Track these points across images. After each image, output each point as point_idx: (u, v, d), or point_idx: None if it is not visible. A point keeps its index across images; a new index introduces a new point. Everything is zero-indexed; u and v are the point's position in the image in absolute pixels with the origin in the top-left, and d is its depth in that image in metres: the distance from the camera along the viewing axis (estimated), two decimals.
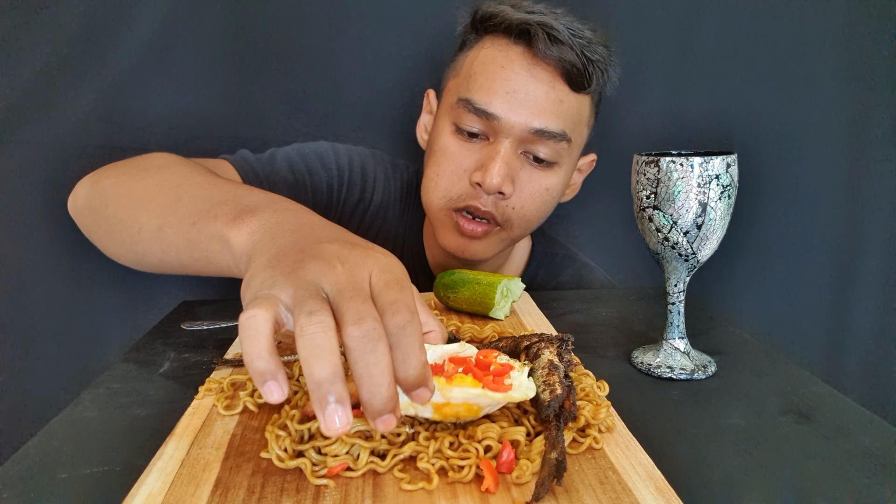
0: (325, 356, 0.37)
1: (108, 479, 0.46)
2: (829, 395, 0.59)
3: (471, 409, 0.45)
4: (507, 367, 0.50)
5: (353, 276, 0.41)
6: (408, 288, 0.42)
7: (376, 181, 0.96)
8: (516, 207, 0.83)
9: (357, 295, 0.40)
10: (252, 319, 0.38)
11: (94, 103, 1.04)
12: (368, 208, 0.96)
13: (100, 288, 1.11)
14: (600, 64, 0.80)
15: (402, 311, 0.39)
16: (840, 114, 1.19)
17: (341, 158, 0.94)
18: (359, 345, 0.38)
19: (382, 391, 0.38)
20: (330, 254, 0.42)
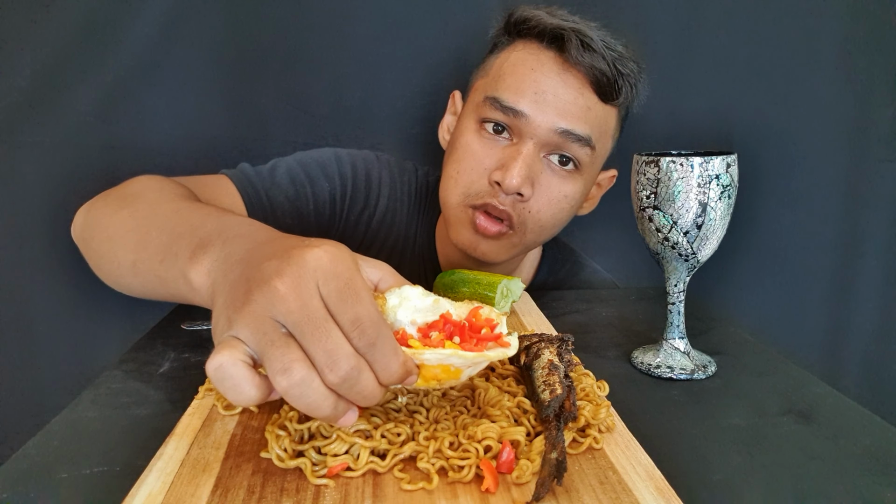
0: (320, 402, 0.38)
1: (108, 479, 0.46)
2: (829, 395, 0.59)
3: (448, 370, 0.44)
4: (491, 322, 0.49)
5: (301, 298, 0.39)
6: (360, 287, 0.40)
7: (381, 186, 0.96)
8: (532, 211, 0.81)
9: (316, 327, 0.38)
10: (220, 371, 0.38)
11: (94, 103, 1.04)
12: (374, 214, 0.95)
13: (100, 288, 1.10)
14: (630, 78, 0.80)
15: (367, 330, 0.39)
16: (840, 114, 1.18)
17: (344, 166, 0.93)
18: (343, 388, 0.39)
19: (374, 398, 0.40)
20: (270, 274, 0.40)
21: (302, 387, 0.38)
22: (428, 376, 0.44)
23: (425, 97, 1.13)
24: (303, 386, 0.38)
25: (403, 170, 0.99)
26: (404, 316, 0.47)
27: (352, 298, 0.40)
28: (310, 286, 0.39)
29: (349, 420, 0.41)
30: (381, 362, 0.40)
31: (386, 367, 0.40)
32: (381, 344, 0.40)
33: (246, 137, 1.10)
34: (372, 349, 0.39)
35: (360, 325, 0.39)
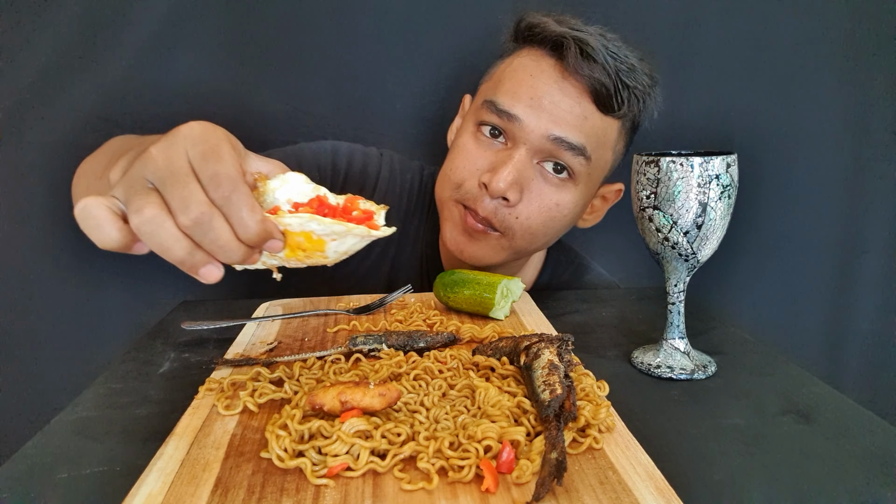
0: (172, 244, 0.42)
1: (108, 479, 0.46)
2: (829, 395, 0.59)
3: (310, 238, 0.47)
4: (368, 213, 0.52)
5: (168, 158, 0.43)
6: (225, 152, 0.44)
7: (379, 181, 0.96)
8: (520, 218, 0.81)
9: (176, 180, 0.42)
10: (84, 211, 0.42)
11: (94, 103, 1.04)
12: None
13: (100, 288, 1.11)
14: (637, 91, 0.79)
15: (223, 183, 0.43)
16: (840, 114, 1.19)
17: (339, 158, 0.95)
18: (194, 231, 0.42)
19: (235, 255, 0.44)
20: (149, 146, 0.45)
21: (152, 224, 0.42)
22: (293, 244, 0.47)
23: (425, 97, 1.13)
24: (153, 224, 0.42)
25: (406, 168, 0.99)
26: (281, 195, 0.51)
27: (213, 159, 0.43)
28: (179, 149, 0.44)
29: (211, 275, 0.44)
30: (236, 216, 0.43)
31: (241, 222, 0.43)
32: (237, 199, 0.43)
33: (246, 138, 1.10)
34: (227, 202, 0.43)
35: (217, 179, 0.43)
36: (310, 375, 0.57)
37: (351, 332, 0.71)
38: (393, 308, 0.79)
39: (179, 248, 0.43)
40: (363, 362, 0.61)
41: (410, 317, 0.75)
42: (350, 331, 0.72)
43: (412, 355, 0.61)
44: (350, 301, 0.82)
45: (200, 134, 0.45)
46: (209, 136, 0.45)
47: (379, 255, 0.98)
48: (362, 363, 0.60)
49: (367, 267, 0.98)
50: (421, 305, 0.80)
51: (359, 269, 0.98)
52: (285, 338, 0.70)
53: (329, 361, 0.61)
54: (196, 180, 0.43)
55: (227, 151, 0.45)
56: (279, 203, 0.50)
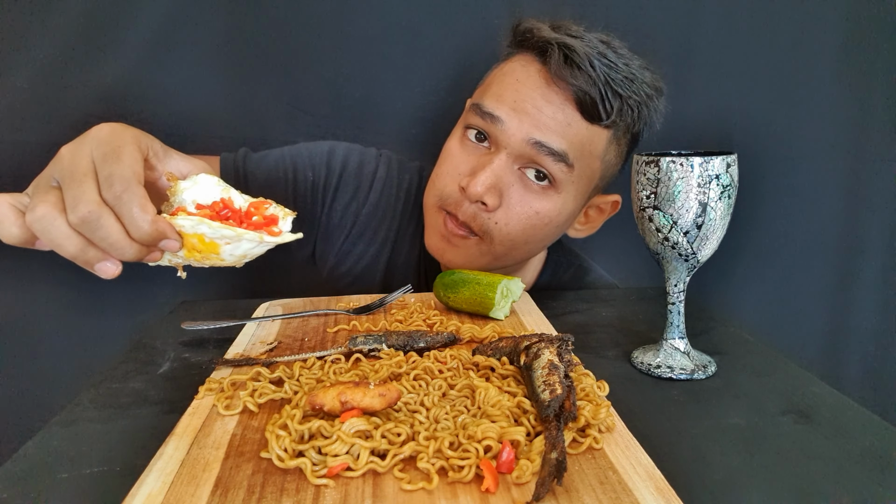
0: (62, 240, 0.45)
1: (108, 479, 0.46)
2: (829, 395, 0.59)
3: (203, 241, 0.49)
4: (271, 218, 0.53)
5: (73, 158, 0.47)
6: (125, 154, 0.47)
7: (375, 181, 0.97)
8: (499, 223, 0.80)
9: (73, 179, 0.45)
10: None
11: (94, 104, 1.04)
12: (363, 207, 0.97)
13: (100, 288, 1.10)
14: (631, 101, 0.77)
15: (115, 183, 0.45)
16: (840, 114, 1.18)
17: (335, 159, 0.95)
18: (83, 228, 0.45)
19: (127, 252, 0.47)
20: (61, 149, 0.48)
21: (43, 222, 0.45)
22: (189, 245, 0.49)
23: (425, 97, 1.13)
24: (44, 221, 0.45)
25: (405, 168, 1.00)
26: (189, 196, 0.53)
27: (112, 159, 0.46)
28: (84, 150, 0.47)
29: (108, 271, 0.48)
30: (127, 215, 0.46)
31: (132, 221, 0.46)
32: (128, 198, 0.45)
33: (246, 137, 1.10)
34: (118, 201, 0.45)
35: (111, 179, 0.45)
36: (310, 375, 0.57)
37: (351, 332, 0.71)
38: (393, 308, 0.79)
39: (70, 244, 0.46)
40: (363, 362, 0.61)
41: (410, 317, 0.75)
42: (350, 331, 0.72)
43: (412, 355, 0.61)
44: (350, 301, 0.82)
45: (107, 135, 0.48)
46: (114, 138, 0.48)
47: (374, 256, 0.98)
48: (362, 363, 0.60)
49: (362, 267, 0.98)
50: (421, 305, 0.80)
51: (354, 268, 0.98)
52: (285, 338, 0.70)
53: (329, 361, 0.61)
54: (93, 179, 0.46)
55: (127, 153, 0.47)
56: (185, 203, 0.52)
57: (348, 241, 0.98)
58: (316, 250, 1.00)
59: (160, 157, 0.53)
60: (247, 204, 0.54)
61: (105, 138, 0.48)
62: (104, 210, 0.45)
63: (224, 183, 0.55)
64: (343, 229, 0.97)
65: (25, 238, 0.48)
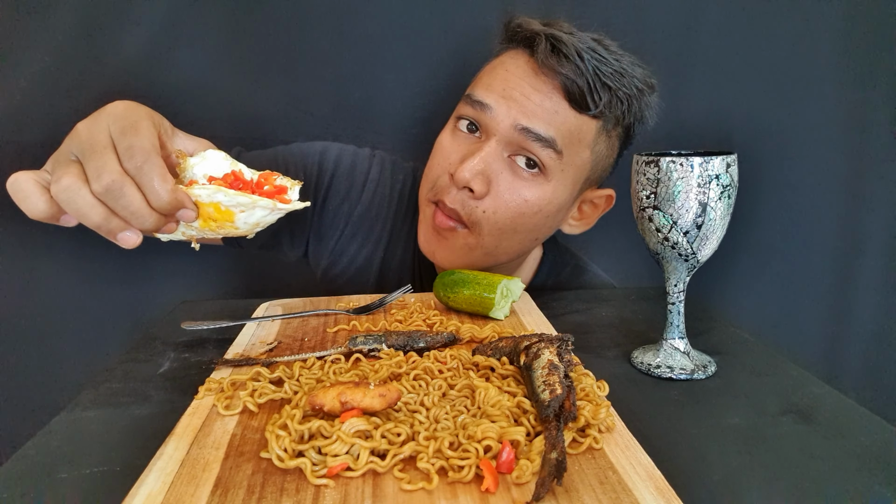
0: (87, 210, 0.47)
1: (108, 479, 0.46)
2: (829, 395, 0.59)
3: (219, 209, 0.51)
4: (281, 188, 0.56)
5: (90, 133, 0.48)
6: (142, 128, 0.49)
7: (368, 181, 0.97)
8: (487, 211, 0.80)
9: (94, 152, 0.47)
10: (14, 184, 0.48)
11: (95, 103, 1.03)
12: (356, 208, 0.97)
13: (100, 288, 1.11)
14: (621, 94, 0.77)
15: (136, 154, 0.47)
16: (840, 114, 1.18)
17: (326, 160, 0.96)
18: (106, 198, 0.47)
19: (148, 221, 0.48)
20: (77, 124, 0.49)
21: (68, 192, 0.46)
22: (204, 215, 0.51)
23: (425, 97, 1.13)
24: (69, 191, 0.46)
25: (399, 169, 1.00)
26: (200, 171, 0.55)
27: (131, 133, 0.48)
28: (101, 125, 0.49)
29: (129, 240, 0.49)
30: (147, 185, 0.47)
31: (152, 190, 0.47)
32: (149, 169, 0.47)
33: (246, 137, 1.10)
34: (139, 172, 0.47)
35: (132, 151, 0.47)
36: (310, 375, 0.57)
37: (351, 332, 0.71)
38: (393, 308, 0.79)
39: (95, 213, 0.47)
40: (363, 362, 0.61)
41: (410, 317, 0.75)
42: (350, 331, 0.72)
43: (412, 355, 0.61)
44: (350, 301, 0.82)
45: (123, 111, 0.50)
46: (130, 113, 0.50)
47: (368, 257, 0.98)
48: (362, 363, 0.60)
49: (356, 268, 0.98)
50: (421, 305, 0.80)
51: (348, 269, 0.98)
52: (285, 338, 0.70)
53: (329, 361, 0.61)
54: (113, 152, 0.47)
55: (145, 127, 0.49)
56: (196, 177, 0.54)
57: (341, 241, 0.98)
58: (309, 251, 1.00)
59: (169, 135, 0.55)
60: (256, 176, 0.56)
61: (121, 113, 0.49)
62: (126, 179, 0.47)
63: (231, 157, 0.56)
64: (336, 230, 0.97)
65: (51, 212, 0.49)
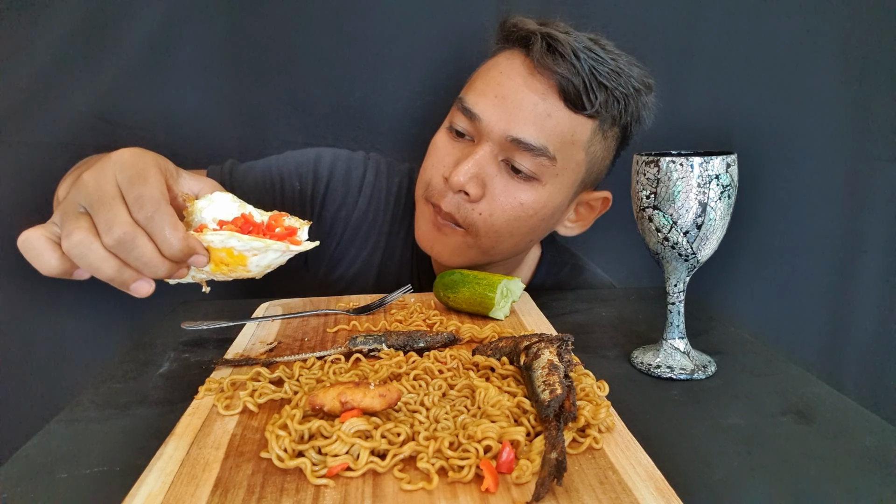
0: (100, 263, 0.46)
1: (108, 479, 0.46)
2: (829, 395, 0.59)
3: (231, 253, 0.50)
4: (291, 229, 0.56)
5: (98, 183, 0.47)
6: (150, 176, 0.48)
7: (363, 186, 0.97)
8: (483, 214, 0.80)
9: (102, 203, 0.46)
10: (25, 242, 0.48)
11: (94, 103, 1.04)
12: (353, 213, 0.97)
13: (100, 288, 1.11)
14: (617, 93, 0.77)
15: (146, 204, 0.46)
16: (840, 114, 1.18)
17: (321, 167, 0.95)
18: (119, 250, 0.46)
19: (160, 270, 0.48)
20: (83, 174, 0.49)
21: (81, 247, 0.46)
22: (216, 260, 0.51)
23: (425, 97, 1.13)
24: (81, 247, 0.46)
25: (395, 171, 0.99)
26: (208, 215, 0.54)
27: (139, 182, 0.47)
28: (108, 174, 0.48)
29: (141, 289, 0.48)
30: (159, 234, 0.47)
31: (164, 239, 0.47)
32: (159, 218, 0.46)
33: (246, 137, 1.10)
34: (150, 221, 0.46)
35: (141, 201, 0.46)
36: (310, 375, 0.57)
37: (351, 332, 0.71)
38: (393, 308, 0.79)
39: (108, 266, 0.47)
40: (363, 362, 0.61)
41: (410, 317, 0.75)
42: (350, 331, 0.72)
43: (412, 355, 0.61)
44: (350, 301, 0.82)
45: (129, 159, 0.49)
46: (137, 161, 0.49)
47: (366, 260, 0.98)
48: (362, 363, 0.60)
49: (354, 272, 0.98)
50: (421, 305, 0.80)
51: (347, 273, 0.98)
52: (285, 338, 0.70)
53: (329, 361, 0.61)
54: (122, 202, 0.47)
55: (152, 175, 0.48)
56: (206, 221, 0.54)
57: (340, 247, 0.98)
58: (308, 258, 0.99)
59: (175, 178, 0.54)
60: (266, 218, 0.56)
61: (128, 162, 0.49)
62: (138, 230, 0.46)
63: (239, 199, 0.56)
64: (334, 236, 0.97)
65: (64, 268, 0.48)
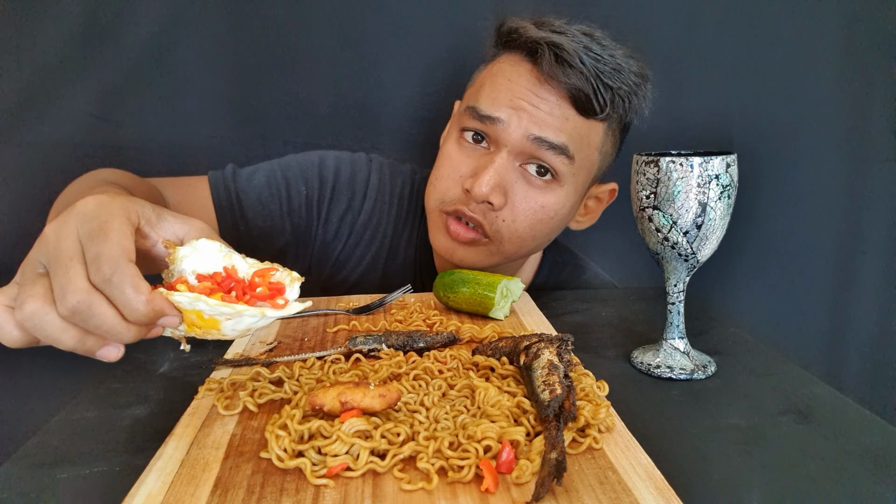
0: (59, 335, 0.42)
1: (108, 479, 0.46)
2: (829, 395, 0.59)
3: (201, 316, 0.45)
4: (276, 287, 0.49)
5: (58, 239, 0.43)
6: (112, 230, 0.43)
7: (368, 188, 0.96)
8: (507, 220, 0.81)
9: (59, 265, 0.42)
10: None
11: (94, 103, 1.04)
12: (359, 216, 0.96)
13: None
14: (622, 92, 0.77)
15: (103, 265, 0.41)
16: (840, 114, 1.18)
17: (326, 170, 0.94)
18: (75, 319, 0.41)
19: (125, 336, 0.43)
20: (46, 228, 0.44)
21: (34, 319, 0.41)
22: (188, 321, 0.46)
23: (425, 98, 1.13)
24: (35, 318, 0.41)
25: (397, 173, 0.99)
26: (189, 265, 0.49)
27: (99, 238, 0.42)
28: (70, 228, 0.43)
29: (109, 355, 0.44)
30: (119, 298, 0.42)
31: (126, 304, 0.42)
32: (118, 280, 0.41)
33: (246, 137, 1.10)
34: (108, 284, 0.41)
35: (98, 261, 0.41)
36: (309, 375, 0.57)
37: (351, 332, 0.71)
38: (393, 308, 0.79)
39: (68, 337, 0.42)
40: (363, 362, 0.61)
41: (410, 317, 0.75)
42: (350, 331, 0.72)
43: (412, 355, 0.61)
44: (350, 301, 0.82)
45: (92, 210, 0.44)
46: (100, 213, 0.44)
47: (371, 263, 0.98)
48: (362, 363, 0.60)
49: (358, 275, 0.98)
50: (421, 305, 0.80)
51: (351, 276, 0.98)
52: (285, 338, 0.70)
53: (329, 361, 0.61)
54: (80, 262, 0.42)
55: (115, 228, 0.43)
56: (186, 273, 0.49)
57: (345, 251, 0.97)
58: (311, 263, 0.98)
59: (153, 223, 0.49)
60: (251, 272, 0.50)
61: (91, 213, 0.44)
62: (94, 296, 0.41)
63: (226, 247, 0.51)
64: (339, 240, 0.97)
65: (28, 339, 0.44)
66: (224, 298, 0.46)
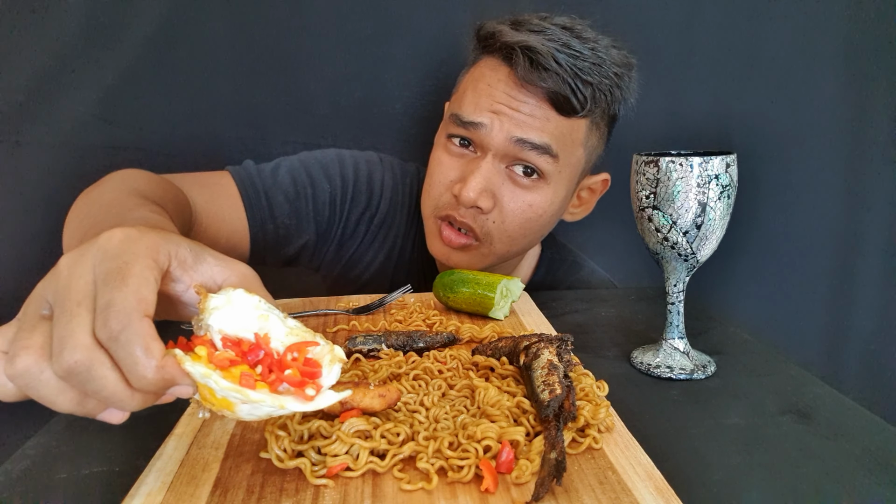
0: (54, 397, 0.35)
1: (108, 479, 0.46)
2: (829, 395, 0.59)
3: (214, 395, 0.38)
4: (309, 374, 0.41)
5: (71, 276, 0.36)
6: (131, 276, 0.36)
7: (384, 188, 0.96)
8: (496, 222, 0.82)
9: (64, 311, 0.35)
10: None
11: (94, 103, 1.04)
12: (375, 215, 0.96)
13: None
14: (603, 86, 0.78)
15: (111, 318, 0.34)
16: (840, 114, 1.19)
17: (346, 168, 0.94)
18: (71, 381, 0.35)
19: (129, 404, 0.36)
20: (61, 259, 0.38)
21: (26, 377, 0.35)
22: (202, 394, 0.38)
23: (425, 98, 1.13)
24: (27, 377, 0.35)
25: (405, 172, 1.00)
26: (217, 321, 0.41)
27: (115, 282, 0.35)
28: (86, 265, 0.36)
29: (111, 418, 0.38)
30: (125, 361, 0.35)
31: (132, 368, 0.35)
32: (126, 339, 0.34)
33: (246, 137, 1.10)
34: (114, 343, 0.34)
35: (108, 312, 0.34)
36: None
37: (350, 332, 0.71)
38: (392, 308, 0.79)
39: (64, 400, 0.35)
40: (363, 362, 0.61)
41: (410, 317, 0.75)
42: (350, 331, 0.72)
43: (412, 355, 0.61)
44: (349, 301, 0.82)
45: (116, 247, 0.37)
46: (124, 251, 0.37)
47: (383, 262, 0.98)
48: (362, 363, 0.60)
49: (370, 274, 0.98)
50: (420, 305, 0.80)
51: (363, 275, 0.98)
52: None
53: None
54: (88, 310, 0.35)
55: (136, 273, 0.36)
56: (212, 331, 0.40)
57: (359, 250, 0.97)
58: (323, 262, 0.98)
59: (188, 265, 0.41)
60: (288, 341, 0.42)
61: (113, 251, 0.37)
62: (96, 356, 0.34)
63: (265, 304, 0.42)
64: (355, 239, 0.96)
65: (23, 394, 0.37)
66: (242, 378, 0.38)
